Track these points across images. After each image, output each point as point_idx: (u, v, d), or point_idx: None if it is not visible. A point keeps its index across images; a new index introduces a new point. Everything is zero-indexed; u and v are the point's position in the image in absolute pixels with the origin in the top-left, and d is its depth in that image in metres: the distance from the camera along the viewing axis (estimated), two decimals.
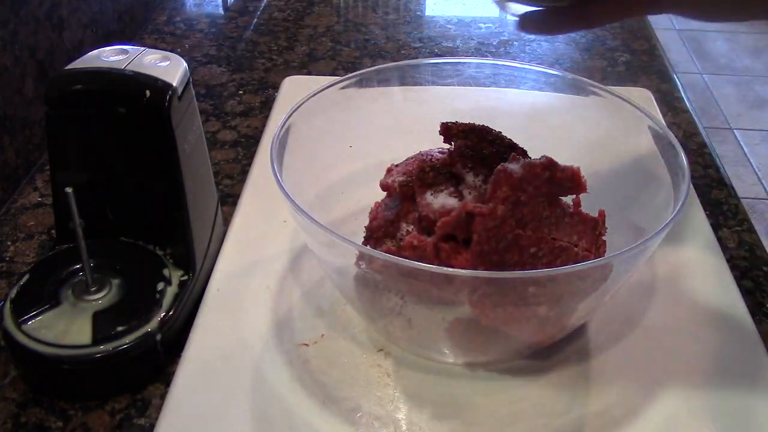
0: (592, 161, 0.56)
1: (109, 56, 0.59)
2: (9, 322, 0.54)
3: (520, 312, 0.51)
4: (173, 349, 0.57)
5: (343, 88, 0.65)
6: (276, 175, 0.54)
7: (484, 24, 1.16)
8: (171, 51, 0.62)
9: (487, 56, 1.05)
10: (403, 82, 0.68)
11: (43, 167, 0.80)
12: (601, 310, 0.60)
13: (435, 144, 0.60)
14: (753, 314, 0.61)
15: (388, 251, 0.55)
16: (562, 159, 0.55)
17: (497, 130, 0.60)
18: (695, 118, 0.92)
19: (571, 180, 0.54)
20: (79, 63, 0.58)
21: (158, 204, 0.60)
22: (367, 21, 1.16)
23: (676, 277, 0.64)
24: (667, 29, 3.44)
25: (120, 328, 0.54)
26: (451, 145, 0.59)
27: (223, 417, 0.52)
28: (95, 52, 0.60)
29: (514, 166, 0.52)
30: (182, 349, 0.57)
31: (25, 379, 0.56)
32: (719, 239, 0.70)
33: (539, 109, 0.67)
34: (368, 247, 0.56)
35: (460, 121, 0.59)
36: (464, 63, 0.72)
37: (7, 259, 0.68)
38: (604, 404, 0.54)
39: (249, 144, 0.85)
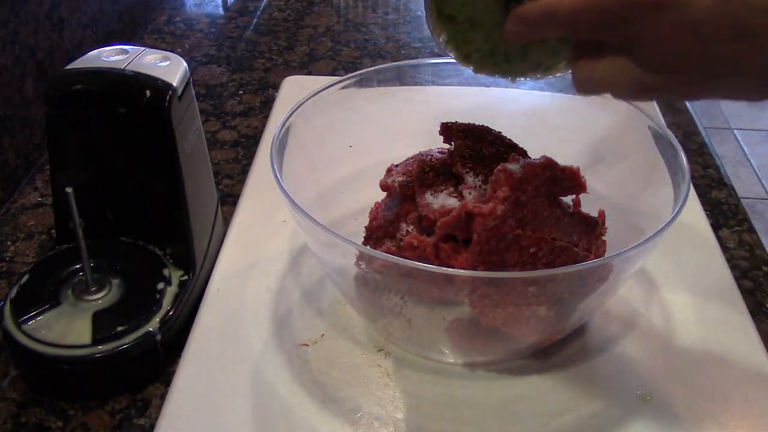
0: (592, 161, 0.56)
1: (109, 56, 0.59)
2: (9, 322, 0.54)
3: (520, 312, 0.51)
4: (173, 349, 0.57)
5: (343, 88, 0.65)
6: (276, 175, 0.54)
7: None
8: (171, 51, 0.62)
9: None
10: (403, 82, 0.68)
11: (43, 167, 0.80)
12: (601, 310, 0.60)
13: (435, 144, 0.60)
14: (753, 314, 0.61)
15: (388, 251, 0.55)
16: (562, 159, 0.55)
17: (497, 130, 0.60)
18: (695, 118, 0.92)
19: (571, 180, 0.54)
20: (79, 63, 0.58)
21: (158, 204, 0.60)
22: (367, 21, 1.16)
23: (676, 277, 0.64)
24: None
25: (120, 328, 0.54)
26: (451, 145, 0.59)
27: (223, 417, 0.52)
28: (95, 52, 0.60)
29: (514, 166, 0.52)
30: (182, 349, 0.57)
31: (25, 379, 0.56)
32: (719, 239, 0.70)
33: (539, 109, 0.67)
34: (368, 247, 0.56)
35: (460, 121, 0.59)
36: None
37: (7, 259, 0.68)
38: (604, 404, 0.54)
39: (249, 144, 0.85)
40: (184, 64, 0.60)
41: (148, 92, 0.56)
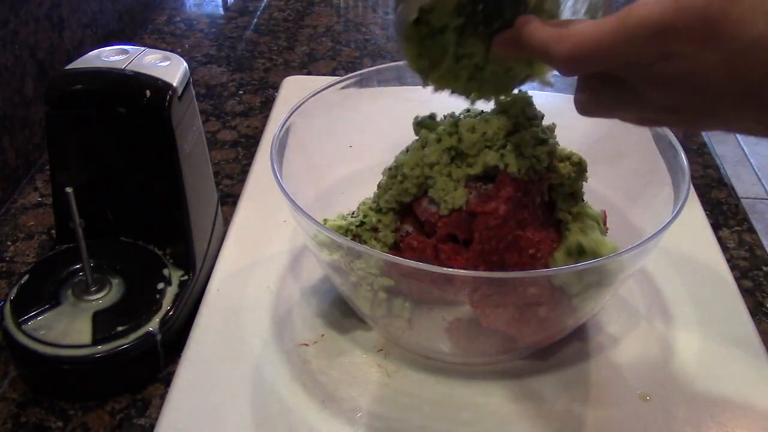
0: (593, 161, 0.56)
1: (109, 56, 0.59)
2: (9, 322, 0.54)
3: (520, 312, 0.51)
4: (173, 349, 0.57)
5: (343, 88, 0.65)
6: (276, 175, 0.54)
7: None
8: (171, 51, 0.62)
9: None
10: (403, 82, 0.68)
11: (43, 167, 0.80)
12: (601, 311, 0.60)
13: None
14: (753, 314, 0.61)
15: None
16: None
17: None
18: None
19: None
20: (79, 63, 0.58)
21: (158, 204, 0.60)
22: (367, 21, 1.16)
23: (676, 277, 0.64)
24: None
25: (120, 328, 0.54)
26: None
27: (223, 417, 0.52)
28: (95, 52, 0.60)
29: None
30: (182, 349, 0.57)
31: (25, 379, 0.56)
32: (719, 239, 0.70)
33: (539, 109, 0.67)
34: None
35: None
36: None
37: (7, 259, 0.68)
38: (604, 404, 0.54)
39: (249, 144, 0.85)
40: (184, 64, 0.60)
41: (148, 92, 0.56)
